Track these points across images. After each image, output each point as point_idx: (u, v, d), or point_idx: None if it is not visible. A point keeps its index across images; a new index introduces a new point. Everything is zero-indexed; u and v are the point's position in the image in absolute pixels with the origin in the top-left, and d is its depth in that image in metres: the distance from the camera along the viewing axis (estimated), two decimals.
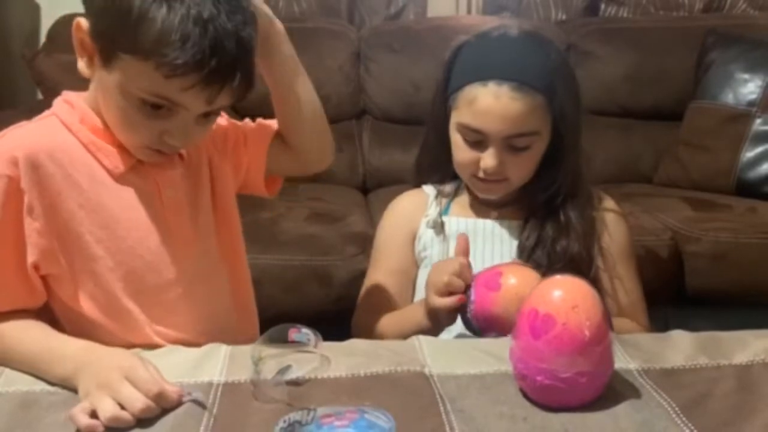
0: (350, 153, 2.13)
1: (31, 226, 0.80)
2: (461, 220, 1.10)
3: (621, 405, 0.74)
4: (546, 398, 0.74)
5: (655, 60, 2.15)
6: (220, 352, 0.87)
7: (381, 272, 1.13)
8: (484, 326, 0.93)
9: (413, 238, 1.13)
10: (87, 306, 0.85)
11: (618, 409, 0.74)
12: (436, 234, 1.10)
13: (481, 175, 1.04)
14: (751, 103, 1.94)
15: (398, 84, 2.15)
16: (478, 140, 1.02)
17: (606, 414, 0.73)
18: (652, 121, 2.16)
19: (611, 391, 0.76)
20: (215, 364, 0.84)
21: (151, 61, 0.74)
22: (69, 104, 0.86)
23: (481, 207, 1.11)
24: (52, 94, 1.78)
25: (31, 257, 0.81)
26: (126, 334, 0.86)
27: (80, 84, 1.87)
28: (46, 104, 1.89)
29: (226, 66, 0.75)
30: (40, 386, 0.80)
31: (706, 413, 0.74)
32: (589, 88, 2.16)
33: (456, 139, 1.05)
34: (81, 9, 2.31)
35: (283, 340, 0.83)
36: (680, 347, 0.86)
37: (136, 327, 0.87)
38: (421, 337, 0.91)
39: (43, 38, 2.17)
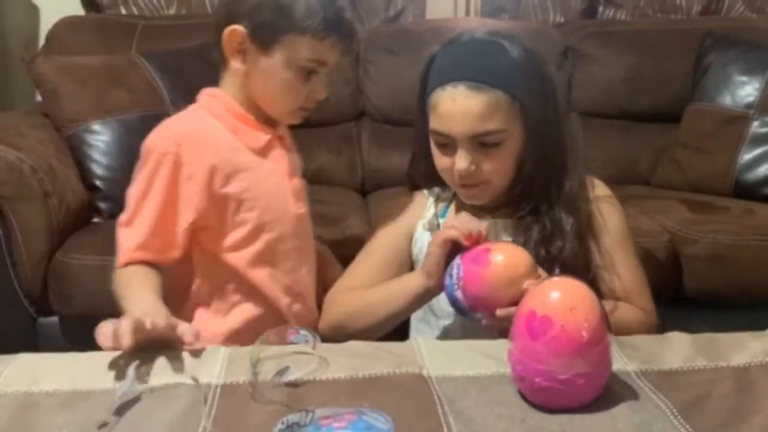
0: (349, 155, 2.13)
1: (192, 190, 1.01)
2: None
3: (619, 406, 0.74)
4: (544, 400, 0.74)
5: (653, 62, 2.15)
6: (219, 353, 0.87)
7: (373, 259, 1.13)
8: (472, 303, 0.92)
9: (410, 237, 1.13)
10: (229, 254, 1.05)
11: (616, 411, 0.74)
12: (432, 236, 1.10)
13: (457, 179, 1.04)
14: (748, 106, 1.94)
15: (397, 86, 2.15)
16: (447, 143, 1.03)
17: (604, 415, 0.73)
18: (650, 123, 2.16)
19: (609, 392, 0.76)
20: (214, 365, 0.84)
21: (307, 33, 0.99)
22: (213, 97, 1.08)
23: (476, 211, 1.10)
24: (50, 96, 1.80)
25: (191, 216, 1.01)
26: (250, 272, 1.06)
27: (78, 85, 1.88)
28: (44, 106, 1.91)
29: (351, 22, 1.04)
30: (39, 387, 0.80)
31: (704, 415, 0.74)
32: (587, 90, 2.18)
33: (432, 147, 1.06)
34: (79, 11, 2.33)
35: (281, 342, 0.83)
36: (678, 349, 0.86)
37: (261, 268, 1.06)
38: (420, 339, 0.91)
39: (41, 40, 2.18)
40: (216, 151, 1.03)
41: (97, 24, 2.13)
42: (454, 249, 0.97)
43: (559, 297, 0.73)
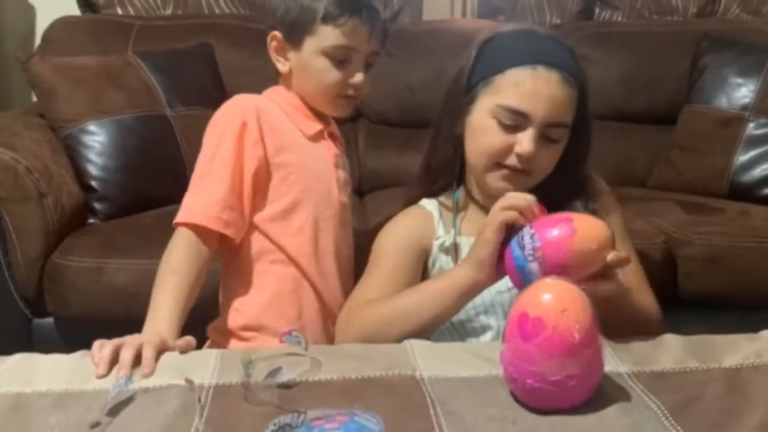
0: (346, 156, 2.13)
1: (256, 153, 1.09)
2: (472, 239, 1.03)
3: (610, 408, 0.75)
4: (536, 401, 0.75)
5: (649, 64, 2.15)
6: (212, 354, 0.87)
7: (387, 271, 1.07)
8: (551, 273, 0.83)
9: (421, 252, 1.09)
10: (272, 227, 1.11)
11: (607, 412, 0.74)
12: (451, 257, 1.07)
13: (510, 162, 1.01)
14: (744, 107, 1.95)
15: (394, 87, 2.15)
16: (516, 123, 1.00)
17: (595, 417, 0.73)
18: (646, 125, 2.17)
19: (601, 394, 0.76)
20: (207, 366, 0.84)
21: (328, 20, 1.09)
22: (276, 92, 1.18)
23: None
24: (46, 96, 1.80)
25: (250, 171, 1.08)
26: (288, 242, 1.11)
27: (74, 85, 1.87)
28: (40, 107, 1.91)
29: (373, 9, 1.12)
30: (32, 387, 0.80)
31: (695, 416, 0.74)
32: None
33: (487, 124, 1.02)
34: (75, 11, 2.33)
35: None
36: (671, 350, 0.87)
37: (301, 252, 1.11)
38: (414, 341, 0.91)
39: (38, 40, 2.18)
40: (274, 125, 1.11)
41: (93, 24, 2.13)
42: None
43: (551, 299, 0.74)
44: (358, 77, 1.12)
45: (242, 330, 1.09)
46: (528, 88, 0.98)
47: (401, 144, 2.11)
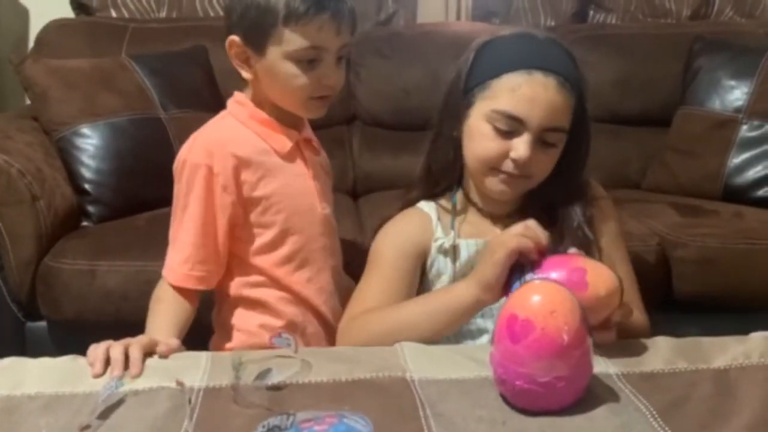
0: (340, 158, 2.13)
1: (227, 200, 1.04)
2: (470, 242, 1.06)
3: (599, 409, 0.75)
4: (525, 402, 0.75)
5: (643, 66, 2.15)
6: (202, 357, 0.87)
7: (387, 280, 1.05)
8: None
9: (420, 256, 1.08)
10: (261, 260, 1.08)
11: (596, 413, 0.74)
12: (450, 259, 1.06)
13: (506, 167, 1.01)
14: (737, 110, 1.95)
15: (388, 89, 2.15)
16: (512, 129, 0.99)
17: (584, 418, 0.74)
18: (640, 127, 2.17)
19: (590, 395, 0.77)
20: (197, 369, 0.84)
21: (291, 22, 0.99)
22: (239, 104, 1.10)
23: (486, 223, 1.08)
24: (39, 99, 1.79)
25: (224, 218, 1.05)
26: (280, 273, 1.08)
27: (67, 88, 1.87)
28: (33, 109, 1.91)
29: (339, 0, 1.01)
30: (21, 390, 0.80)
31: (684, 417, 0.74)
32: None
33: (483, 129, 1.01)
34: (69, 14, 2.33)
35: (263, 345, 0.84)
36: (660, 351, 0.87)
37: (293, 278, 1.09)
38: (404, 343, 0.91)
39: (31, 43, 2.17)
40: (244, 158, 1.05)
41: (86, 27, 2.13)
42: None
43: (540, 300, 0.74)
44: (332, 77, 1.04)
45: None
46: (524, 93, 0.97)
47: (396, 146, 2.11)
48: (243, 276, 1.09)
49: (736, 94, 1.97)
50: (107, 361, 0.85)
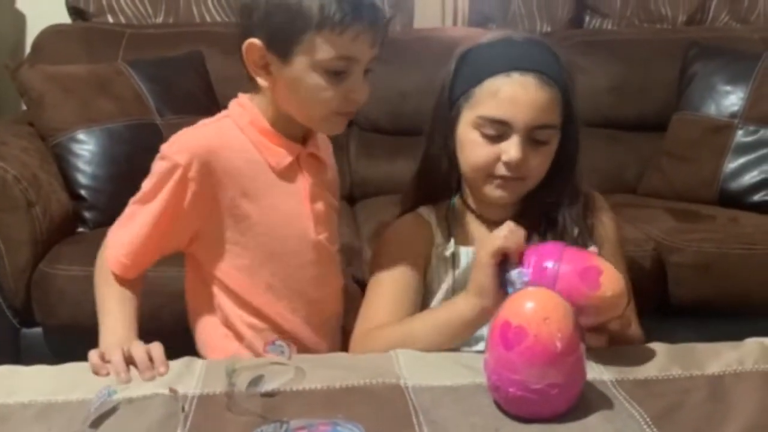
0: (337, 163, 2.12)
1: (194, 211, 0.96)
2: (469, 249, 1.06)
3: (593, 416, 0.75)
4: (518, 409, 0.75)
5: (639, 71, 2.16)
6: (197, 364, 0.87)
7: (392, 294, 1.04)
8: None
9: (421, 265, 1.06)
10: (230, 275, 1.00)
11: (589, 420, 0.74)
12: (450, 266, 1.06)
13: (500, 171, 1.00)
14: (733, 115, 1.96)
15: (385, 94, 2.15)
16: (500, 133, 0.99)
17: (578, 425, 0.73)
18: (636, 132, 2.17)
19: (584, 402, 0.77)
20: (192, 377, 0.84)
21: (324, 28, 0.90)
22: (242, 107, 1.00)
23: (484, 230, 1.07)
24: (35, 104, 1.79)
25: (188, 234, 0.99)
26: (256, 302, 1.01)
27: (63, 94, 1.86)
28: (29, 115, 1.91)
29: (377, 9, 0.93)
30: (15, 399, 0.80)
31: (677, 423, 0.74)
32: None
33: (472, 137, 1.01)
34: (66, 20, 2.32)
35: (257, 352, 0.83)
36: (654, 358, 0.87)
37: (267, 303, 1.01)
38: (399, 350, 0.91)
39: (27, 49, 2.17)
40: (230, 168, 0.97)
41: (83, 32, 2.12)
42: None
43: (533, 307, 0.74)
44: (359, 91, 0.95)
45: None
46: (505, 95, 0.98)
47: (393, 151, 2.11)
48: (217, 297, 1.01)
49: (732, 99, 1.97)
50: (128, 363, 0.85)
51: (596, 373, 0.83)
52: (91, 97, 1.77)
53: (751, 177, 1.90)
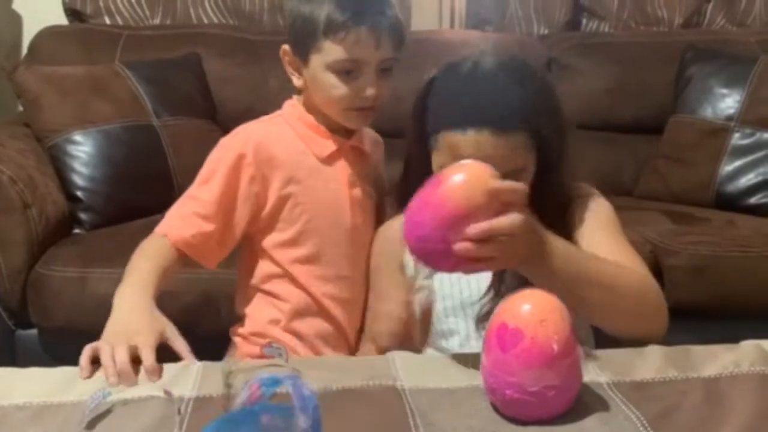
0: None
1: (252, 191, 1.07)
2: None
3: (589, 418, 0.75)
4: (515, 412, 0.75)
5: (635, 74, 2.17)
6: (193, 367, 0.87)
7: (394, 299, 1.08)
8: (434, 236, 0.78)
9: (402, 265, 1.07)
10: (280, 253, 1.10)
11: (586, 423, 0.74)
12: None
13: None
14: (729, 118, 1.97)
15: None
16: None
17: (574, 427, 0.73)
18: (632, 135, 2.18)
19: (581, 404, 0.76)
20: (188, 379, 0.84)
21: (330, 33, 1.02)
22: (292, 106, 1.14)
23: None
24: (32, 106, 1.79)
25: (246, 215, 1.08)
26: (296, 270, 1.10)
27: (60, 95, 1.85)
28: (25, 116, 1.90)
29: (378, 13, 1.03)
30: (9, 401, 0.79)
31: (674, 425, 0.74)
32: (570, 101, 2.17)
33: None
34: (63, 21, 2.33)
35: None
36: (651, 360, 0.87)
37: (310, 278, 1.10)
38: (395, 352, 0.91)
39: (24, 50, 2.17)
40: (279, 155, 1.08)
41: (80, 34, 2.13)
42: None
43: (530, 309, 0.74)
44: (370, 89, 1.05)
45: (253, 336, 1.11)
46: (463, 153, 0.92)
47: (388, 152, 2.08)
48: (261, 268, 1.11)
49: (728, 102, 1.98)
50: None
51: (593, 375, 0.83)
52: (88, 98, 1.78)
53: (747, 180, 1.91)
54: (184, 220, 1.05)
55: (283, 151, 1.09)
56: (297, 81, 1.11)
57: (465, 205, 0.77)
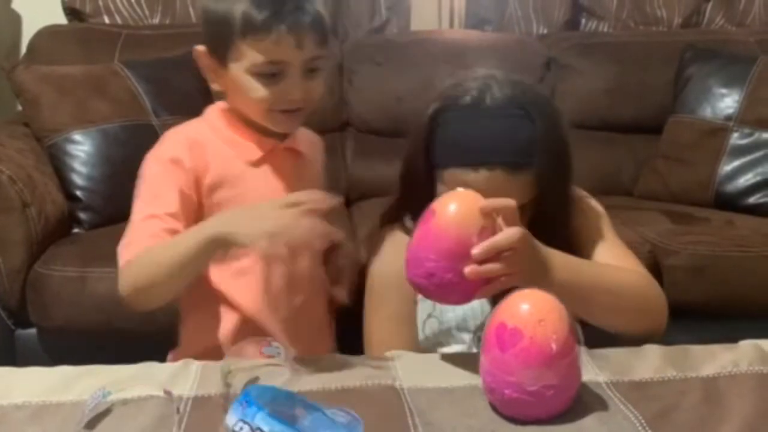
0: (333, 165, 2.13)
1: (185, 192, 0.99)
2: None
3: (588, 418, 0.75)
4: (514, 411, 0.75)
5: (635, 74, 2.17)
6: (192, 367, 0.87)
7: (397, 324, 1.03)
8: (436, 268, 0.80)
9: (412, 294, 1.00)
10: (213, 269, 1.01)
11: (585, 422, 0.74)
12: None
13: None
14: (728, 117, 1.97)
15: (381, 96, 2.16)
16: None
17: (573, 426, 0.73)
18: (632, 134, 2.18)
19: (579, 403, 0.77)
20: (187, 379, 0.84)
21: (248, 36, 0.94)
22: (218, 111, 1.06)
23: None
24: (31, 105, 1.79)
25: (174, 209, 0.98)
26: (231, 287, 1.03)
27: (59, 95, 1.86)
28: (24, 116, 1.90)
29: (299, 11, 0.95)
30: (8, 400, 0.79)
31: (672, 425, 0.74)
32: (569, 101, 2.19)
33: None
34: (62, 20, 2.33)
35: (253, 354, 0.83)
36: (650, 360, 0.87)
37: (245, 282, 1.02)
38: (396, 352, 0.91)
39: (23, 49, 2.17)
40: (208, 160, 1.01)
41: (79, 33, 2.13)
42: None
43: (529, 309, 0.74)
44: (295, 92, 0.97)
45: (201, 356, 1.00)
46: (474, 188, 0.87)
47: (389, 153, 2.10)
48: (195, 291, 1.01)
49: (727, 102, 1.98)
50: None
51: (591, 374, 0.83)
52: (87, 97, 1.77)
53: (746, 180, 1.91)
54: (156, 238, 0.95)
55: (212, 157, 1.01)
56: (215, 85, 1.02)
57: (464, 231, 0.79)
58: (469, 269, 0.79)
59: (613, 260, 1.00)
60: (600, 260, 1.00)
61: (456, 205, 0.81)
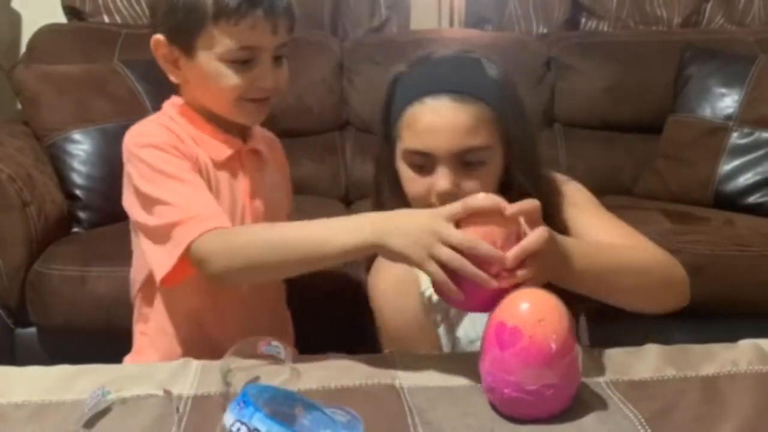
0: (333, 164, 2.14)
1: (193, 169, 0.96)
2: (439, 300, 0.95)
3: (587, 417, 0.75)
4: (514, 410, 0.75)
5: (634, 73, 2.16)
6: (192, 366, 0.87)
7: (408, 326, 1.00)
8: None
9: (416, 285, 1.00)
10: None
11: (584, 421, 0.74)
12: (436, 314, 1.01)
13: (434, 201, 0.92)
14: (728, 117, 1.97)
15: (381, 96, 2.14)
16: (426, 164, 0.93)
17: (572, 426, 0.74)
18: (632, 134, 2.18)
19: (579, 403, 0.77)
20: (187, 378, 0.84)
21: (221, 20, 0.92)
22: (175, 106, 1.02)
23: None
24: (30, 104, 1.79)
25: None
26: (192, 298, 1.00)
27: (59, 94, 1.86)
28: (24, 115, 1.90)
29: None
30: (8, 399, 0.79)
31: (672, 424, 0.74)
32: (569, 100, 2.19)
33: (404, 171, 0.95)
34: (61, 19, 2.33)
35: (252, 353, 0.83)
36: (649, 359, 0.87)
37: (203, 296, 1.00)
38: (396, 351, 0.91)
39: (23, 48, 2.17)
40: (191, 152, 0.97)
41: (79, 32, 2.12)
42: None
43: (528, 308, 0.74)
44: (267, 79, 0.96)
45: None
46: (422, 125, 0.91)
47: None
48: (149, 294, 1.02)
49: (727, 102, 1.98)
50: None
51: (592, 374, 0.83)
52: (87, 97, 1.77)
53: (745, 179, 1.90)
54: (208, 206, 0.91)
55: (191, 152, 0.97)
56: (174, 77, 0.99)
57: (498, 242, 0.76)
58: (505, 282, 0.77)
59: (622, 240, 0.97)
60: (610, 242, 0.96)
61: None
